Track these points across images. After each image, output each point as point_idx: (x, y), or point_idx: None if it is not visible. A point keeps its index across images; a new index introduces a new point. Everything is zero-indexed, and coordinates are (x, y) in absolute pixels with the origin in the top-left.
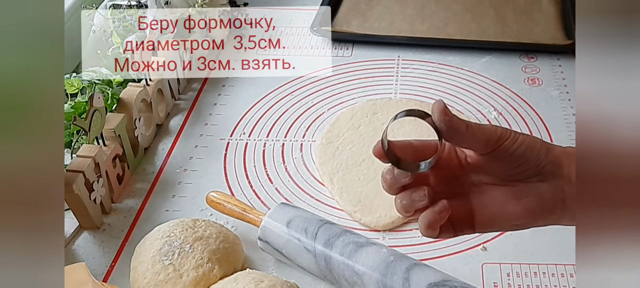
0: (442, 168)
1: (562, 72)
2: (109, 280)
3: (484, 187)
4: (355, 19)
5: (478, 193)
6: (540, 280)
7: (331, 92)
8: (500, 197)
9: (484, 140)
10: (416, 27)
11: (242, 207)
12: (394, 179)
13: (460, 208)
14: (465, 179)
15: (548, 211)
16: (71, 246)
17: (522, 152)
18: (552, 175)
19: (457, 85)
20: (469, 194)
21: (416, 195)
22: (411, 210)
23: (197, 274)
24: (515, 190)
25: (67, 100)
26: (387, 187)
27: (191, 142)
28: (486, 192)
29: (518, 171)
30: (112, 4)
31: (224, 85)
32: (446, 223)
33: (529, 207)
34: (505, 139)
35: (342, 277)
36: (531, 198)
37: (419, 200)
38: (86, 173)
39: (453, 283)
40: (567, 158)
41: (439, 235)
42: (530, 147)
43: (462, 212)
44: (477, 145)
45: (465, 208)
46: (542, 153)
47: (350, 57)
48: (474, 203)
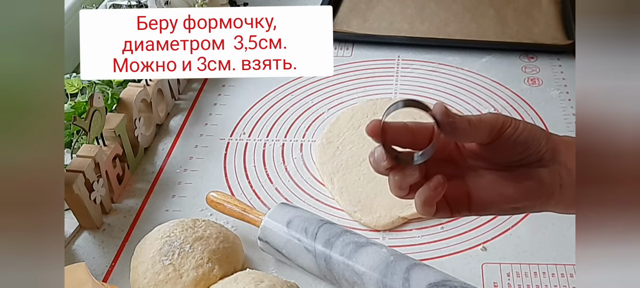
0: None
1: (562, 72)
2: (109, 280)
3: (481, 171)
4: (355, 19)
5: (475, 177)
6: (540, 280)
7: (331, 92)
8: (498, 181)
9: (486, 132)
10: (416, 27)
11: (242, 207)
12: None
13: (457, 189)
14: (462, 163)
15: (547, 195)
16: (71, 246)
17: (524, 139)
18: (552, 161)
19: (457, 85)
20: (466, 177)
21: (408, 171)
22: (405, 187)
23: (197, 274)
24: (514, 174)
25: (67, 100)
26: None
27: (191, 142)
28: (484, 175)
29: (519, 158)
30: (112, 3)
31: (224, 85)
32: (442, 202)
33: (528, 190)
34: (507, 126)
35: (342, 277)
36: (531, 182)
37: (410, 175)
38: (86, 173)
39: (453, 283)
40: (564, 146)
41: (436, 213)
42: (531, 134)
43: (458, 193)
44: (481, 138)
45: (461, 190)
46: (542, 140)
47: (350, 57)
48: (470, 185)
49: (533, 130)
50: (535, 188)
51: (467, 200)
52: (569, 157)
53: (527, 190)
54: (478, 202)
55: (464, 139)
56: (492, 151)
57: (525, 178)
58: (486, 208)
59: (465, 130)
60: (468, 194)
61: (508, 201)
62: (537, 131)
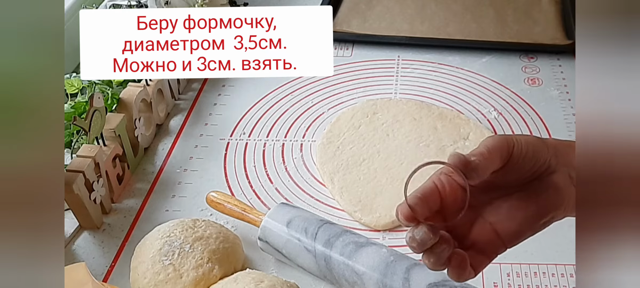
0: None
1: (562, 72)
2: (109, 280)
3: (497, 202)
4: (355, 19)
5: (494, 210)
6: (540, 280)
7: (331, 92)
8: (518, 204)
9: (499, 158)
10: (416, 27)
11: (242, 207)
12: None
13: (483, 233)
14: (475, 203)
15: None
16: (71, 246)
17: (532, 151)
18: (558, 164)
19: (457, 85)
20: (485, 215)
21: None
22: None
23: (197, 274)
24: (529, 191)
25: (67, 100)
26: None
27: (191, 142)
28: (501, 205)
29: (530, 172)
30: (112, 4)
31: (224, 85)
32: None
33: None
34: (512, 145)
35: (342, 277)
36: (549, 191)
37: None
38: (86, 173)
39: (453, 283)
40: (561, 147)
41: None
42: (534, 144)
43: (486, 236)
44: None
45: (487, 231)
46: (544, 146)
47: (351, 57)
48: (493, 221)
49: (533, 140)
50: (554, 196)
51: (497, 238)
52: (570, 157)
53: (548, 201)
54: (508, 233)
55: (485, 174)
56: (504, 175)
57: (542, 190)
58: (518, 235)
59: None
60: (495, 232)
61: (535, 219)
62: (536, 140)
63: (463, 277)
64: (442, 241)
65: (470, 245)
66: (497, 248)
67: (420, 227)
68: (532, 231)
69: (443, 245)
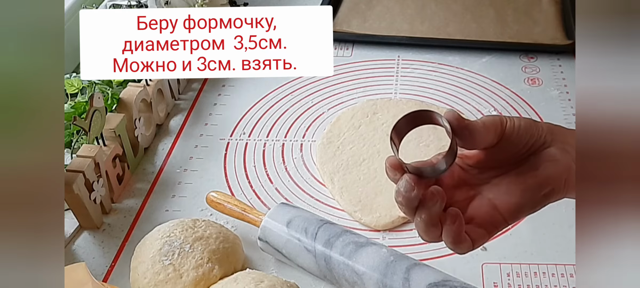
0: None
1: (562, 72)
2: (109, 280)
3: (495, 179)
4: (355, 19)
5: (493, 187)
6: (540, 280)
7: (331, 92)
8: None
9: (493, 132)
10: (416, 27)
11: (242, 207)
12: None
13: (482, 208)
14: (473, 181)
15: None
16: (71, 246)
17: (524, 128)
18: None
19: (457, 85)
20: (484, 192)
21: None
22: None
23: (197, 274)
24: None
25: (67, 100)
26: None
27: (191, 142)
28: (500, 182)
29: (526, 148)
30: (112, 4)
31: (224, 85)
32: (474, 229)
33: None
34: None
35: (342, 277)
36: (547, 163)
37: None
38: (86, 173)
39: (453, 283)
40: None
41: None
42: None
43: (485, 211)
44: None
45: (486, 206)
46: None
47: (350, 57)
48: (492, 197)
49: (526, 119)
50: (552, 167)
51: (496, 212)
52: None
53: (546, 171)
54: (508, 208)
55: (478, 143)
56: (499, 152)
57: (539, 163)
58: (518, 209)
59: (480, 133)
60: (494, 207)
61: (534, 191)
62: (529, 120)
63: (459, 243)
64: (433, 195)
65: (468, 219)
66: (497, 223)
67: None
68: (533, 204)
69: (434, 198)
